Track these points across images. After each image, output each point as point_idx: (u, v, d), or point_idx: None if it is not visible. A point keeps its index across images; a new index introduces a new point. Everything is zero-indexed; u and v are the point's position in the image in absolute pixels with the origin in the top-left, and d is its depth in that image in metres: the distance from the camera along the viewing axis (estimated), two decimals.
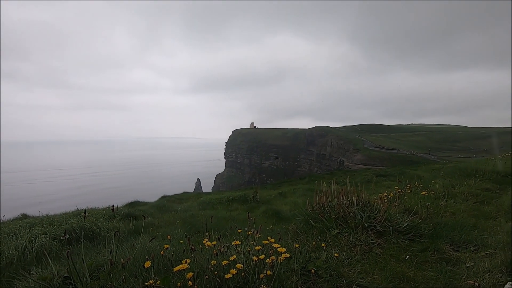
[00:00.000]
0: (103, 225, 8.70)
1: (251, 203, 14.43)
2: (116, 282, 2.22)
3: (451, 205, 5.35)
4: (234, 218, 9.81)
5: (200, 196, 20.01)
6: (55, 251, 7.66)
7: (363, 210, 3.88)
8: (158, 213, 11.88)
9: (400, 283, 2.51)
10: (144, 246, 2.77)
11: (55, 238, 8.04)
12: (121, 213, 10.98)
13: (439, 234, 3.59)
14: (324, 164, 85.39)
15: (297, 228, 3.88)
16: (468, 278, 2.55)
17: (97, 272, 2.57)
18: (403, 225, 3.63)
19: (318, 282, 2.47)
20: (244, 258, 2.39)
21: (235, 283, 2.16)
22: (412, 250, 3.19)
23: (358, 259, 2.97)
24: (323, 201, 4.09)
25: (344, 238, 3.36)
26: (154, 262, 2.43)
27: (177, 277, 2.29)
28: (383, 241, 3.37)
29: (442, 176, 8.30)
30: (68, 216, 10.63)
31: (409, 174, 18.51)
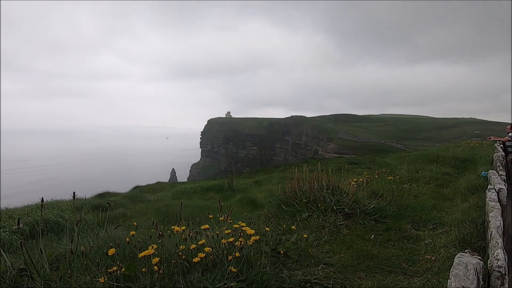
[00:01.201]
0: (69, 217, 8.27)
1: (227, 191, 14.40)
2: (77, 271, 2.11)
3: (414, 189, 5.67)
4: (209, 207, 9.75)
5: (175, 186, 19.66)
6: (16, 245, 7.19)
7: (333, 194, 4.00)
8: (130, 204, 11.50)
9: (364, 260, 2.62)
10: (109, 234, 2.66)
11: (16, 232, 7.54)
12: (89, 205, 10.48)
13: (402, 215, 3.79)
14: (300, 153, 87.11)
15: (269, 213, 3.93)
16: (426, 253, 2.73)
17: (58, 263, 2.43)
18: (369, 207, 3.79)
19: (287, 263, 2.52)
20: (214, 242, 2.37)
21: (203, 267, 2.14)
22: (377, 230, 3.35)
23: (326, 240, 3.06)
24: (295, 186, 4.16)
25: (313, 221, 3.44)
26: (120, 250, 2.34)
27: (144, 264, 2.23)
28: (351, 222, 3.50)
29: (408, 162, 8.76)
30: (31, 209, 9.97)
31: (378, 162, 19.37)
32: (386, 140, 76.66)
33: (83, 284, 1.92)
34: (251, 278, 2.01)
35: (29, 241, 7.30)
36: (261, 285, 2.00)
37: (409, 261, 2.62)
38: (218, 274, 2.03)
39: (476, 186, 5.08)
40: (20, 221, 2.39)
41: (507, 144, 7.85)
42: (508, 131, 8.07)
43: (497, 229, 2.17)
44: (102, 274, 2.00)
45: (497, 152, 7.70)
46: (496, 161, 6.41)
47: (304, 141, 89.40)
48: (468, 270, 1.46)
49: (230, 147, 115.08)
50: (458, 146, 13.11)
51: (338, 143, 71.25)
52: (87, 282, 1.94)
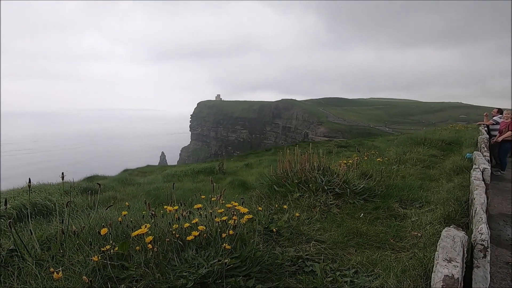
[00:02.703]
0: (58, 200, 8.15)
1: (218, 174, 14.43)
2: (69, 251, 2.10)
3: (402, 170, 5.82)
4: (200, 190, 9.76)
5: (165, 169, 19.55)
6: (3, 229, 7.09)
7: (324, 175, 4.05)
8: (120, 187, 11.40)
9: (354, 237, 2.70)
10: (101, 215, 2.63)
11: (3, 215, 7.41)
12: (78, 188, 10.33)
13: (390, 194, 3.90)
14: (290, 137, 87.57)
15: (261, 194, 3.97)
16: (413, 230, 2.83)
17: (48, 244, 2.41)
18: (359, 187, 3.87)
19: (280, 240, 2.57)
20: (207, 221, 2.38)
21: (197, 245, 2.16)
22: (366, 208, 3.44)
23: (317, 219, 3.13)
24: (287, 167, 4.19)
25: (305, 200, 3.50)
26: (112, 230, 2.32)
27: (137, 242, 2.23)
28: (341, 201, 3.58)
29: (396, 145, 8.93)
30: (17, 192, 9.76)
31: (367, 145, 19.70)
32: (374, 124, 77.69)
33: (76, 263, 1.91)
34: (245, 255, 2.05)
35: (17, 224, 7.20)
36: (255, 261, 2.04)
37: (396, 238, 2.72)
38: (212, 251, 2.05)
39: (461, 167, 5.24)
40: (7, 202, 2.32)
41: (491, 128, 8.08)
42: (494, 114, 8.27)
43: (481, 205, 2.26)
44: (95, 253, 1.99)
45: (482, 135, 7.92)
46: (480, 142, 6.61)
47: (294, 124, 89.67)
48: (455, 243, 1.52)
49: (220, 130, 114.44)
50: (445, 129, 13.42)
51: (328, 127, 71.81)
52: (80, 261, 1.93)
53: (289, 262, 2.19)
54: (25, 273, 1.91)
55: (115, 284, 1.77)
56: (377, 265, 2.18)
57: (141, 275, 1.85)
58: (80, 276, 1.76)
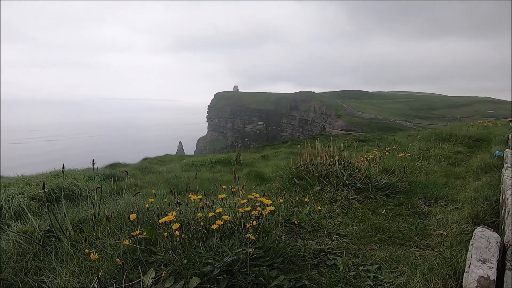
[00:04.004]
0: (83, 186, 8.54)
1: (234, 165, 14.58)
2: (101, 234, 2.21)
3: (426, 166, 5.64)
4: (217, 180, 9.93)
5: (183, 158, 19.97)
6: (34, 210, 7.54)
7: (345, 169, 4.00)
8: (140, 175, 11.78)
9: (376, 233, 2.67)
10: (128, 201, 2.74)
11: (33, 198, 7.86)
12: (101, 174, 10.78)
13: (413, 191, 3.81)
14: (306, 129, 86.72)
15: (281, 186, 3.98)
16: (438, 228, 2.76)
17: (81, 226, 2.54)
18: (381, 182, 3.80)
19: (301, 233, 2.58)
20: (230, 210, 2.43)
21: (221, 234, 2.21)
22: (388, 205, 3.38)
23: (338, 213, 3.11)
24: (307, 160, 4.17)
25: (326, 194, 3.48)
26: (139, 215, 2.42)
27: (163, 229, 2.31)
28: (362, 197, 3.54)
29: (419, 140, 8.65)
30: (46, 176, 10.31)
31: (387, 140, 19.20)
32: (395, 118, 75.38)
33: (108, 246, 2.01)
34: (268, 246, 2.08)
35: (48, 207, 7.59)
36: (277, 252, 2.06)
37: (420, 235, 2.66)
38: (236, 241, 2.09)
39: (489, 165, 5.01)
40: (44, 185, 2.46)
41: None
42: None
43: None
44: (125, 237, 2.08)
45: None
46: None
47: (311, 117, 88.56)
48: (490, 244, 1.47)
49: (237, 121, 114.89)
50: (471, 125, 12.83)
51: (346, 120, 70.43)
52: (112, 244, 2.03)
53: (311, 255, 2.21)
54: (61, 253, 2.03)
55: (145, 267, 1.85)
56: (401, 262, 2.16)
57: (169, 260, 1.92)
58: (113, 258, 1.85)
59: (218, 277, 1.77)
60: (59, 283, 1.69)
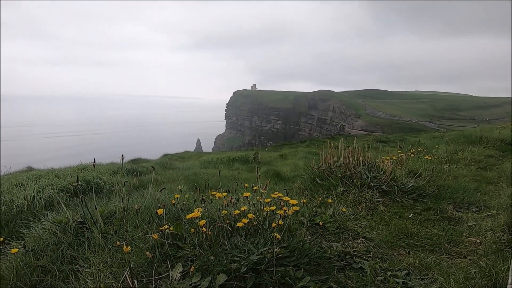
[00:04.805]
0: (107, 179, 8.88)
1: (252, 163, 14.64)
2: (129, 226, 2.28)
3: (454, 170, 5.40)
4: (235, 177, 10.01)
5: (202, 155, 20.27)
6: (63, 201, 7.91)
7: (369, 170, 3.91)
8: (161, 170, 12.10)
9: (404, 237, 2.58)
10: (154, 196, 2.81)
11: (62, 189, 8.26)
12: (124, 169, 11.17)
13: (442, 196, 3.65)
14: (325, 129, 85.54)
15: (303, 186, 3.94)
16: (470, 236, 2.63)
17: (109, 219, 2.63)
18: (408, 185, 3.68)
19: (325, 234, 2.55)
20: (255, 209, 2.43)
21: (246, 232, 2.22)
22: (415, 209, 3.26)
23: (363, 215, 3.04)
24: (330, 160, 4.10)
25: (349, 196, 3.41)
26: (166, 211, 2.47)
27: (188, 225, 2.35)
28: (388, 199, 3.44)
29: (446, 142, 8.30)
30: (73, 169, 10.83)
31: (409, 141, 18.57)
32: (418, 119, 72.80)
33: (136, 239, 2.06)
34: (293, 246, 2.06)
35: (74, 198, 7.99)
36: (303, 253, 2.04)
37: (451, 242, 2.55)
38: (261, 239, 2.09)
39: None
40: (78, 179, 2.57)
41: None
42: None
43: None
44: (153, 231, 2.13)
45: None
46: None
47: (330, 116, 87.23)
48: None
49: (255, 119, 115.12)
50: (504, 127, 12.14)
51: (366, 120, 68.82)
52: (140, 237, 2.09)
53: (337, 257, 2.17)
54: (93, 244, 2.11)
55: (172, 261, 1.89)
56: (431, 269, 2.07)
57: (195, 255, 1.95)
58: (141, 251, 1.90)
59: (245, 275, 1.77)
60: (93, 272, 1.76)
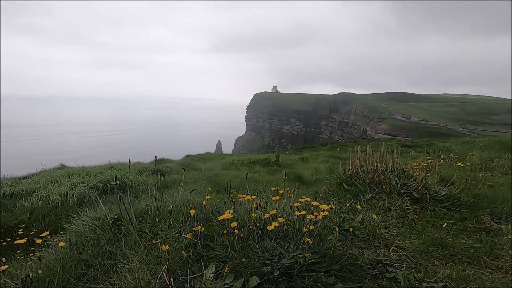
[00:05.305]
0: (134, 179, 9.23)
1: (273, 166, 14.62)
2: (163, 225, 2.36)
3: (490, 178, 5.11)
4: (256, 180, 10.04)
5: (223, 157, 20.52)
6: (93, 198, 8.32)
7: (398, 177, 3.79)
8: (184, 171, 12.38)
9: (438, 248, 2.49)
10: (185, 197, 2.89)
11: (92, 187, 8.68)
12: (149, 169, 11.56)
13: (478, 205, 3.47)
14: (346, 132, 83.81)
15: (329, 190, 3.90)
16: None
17: (143, 217, 2.73)
18: (440, 193, 3.53)
19: (355, 241, 2.51)
20: (284, 213, 2.44)
21: (276, 235, 2.23)
22: (449, 218, 3.13)
23: (393, 223, 2.96)
24: (357, 165, 4.03)
25: (378, 202, 3.33)
26: (196, 211, 2.54)
27: (218, 226, 2.40)
28: (419, 208, 3.32)
29: (480, 149, 7.88)
30: (102, 168, 11.35)
31: (437, 146, 17.80)
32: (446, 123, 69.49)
33: (170, 238, 2.14)
34: (324, 252, 2.05)
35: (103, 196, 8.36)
36: (334, 259, 2.02)
37: (490, 255, 2.42)
38: (291, 244, 2.10)
39: None
40: (116, 178, 2.70)
41: None
42: None
43: None
44: (186, 231, 2.20)
45: None
46: None
47: (352, 119, 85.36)
48: None
49: (275, 122, 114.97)
50: None
51: (391, 124, 66.67)
52: (174, 236, 2.16)
53: (368, 265, 2.13)
54: (130, 241, 2.21)
55: (205, 261, 1.94)
56: (470, 282, 1.98)
57: (227, 256, 1.99)
58: (177, 250, 1.97)
59: (277, 279, 1.79)
60: (131, 268, 1.85)
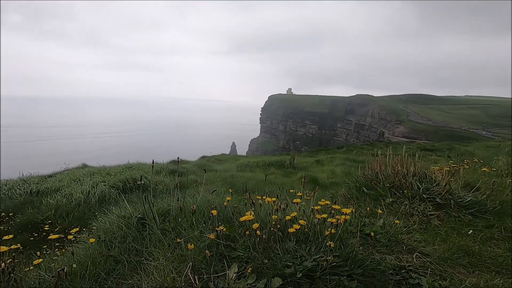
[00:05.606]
0: (152, 179, 9.46)
1: (288, 168, 14.56)
2: (185, 225, 2.42)
3: None
4: (271, 182, 10.04)
5: (238, 158, 20.64)
6: (113, 197, 8.59)
7: (420, 181, 3.71)
8: (200, 172, 12.56)
9: (464, 255, 2.41)
10: (206, 197, 2.95)
11: (113, 186, 8.96)
12: (166, 169, 11.80)
13: (505, 212, 3.34)
14: (362, 135, 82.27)
15: (348, 194, 3.86)
16: None
17: (164, 217, 2.81)
18: (465, 199, 3.42)
19: (377, 246, 2.47)
20: (304, 215, 2.44)
21: (297, 238, 2.24)
22: (475, 225, 3.03)
23: (415, 229, 2.89)
24: (377, 169, 3.97)
25: (399, 207, 3.27)
26: (217, 212, 2.58)
27: (238, 227, 2.43)
28: (443, 213, 3.23)
29: (507, 153, 7.56)
30: (122, 168, 11.69)
31: (459, 150, 17.18)
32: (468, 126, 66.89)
33: (193, 237, 2.19)
34: (345, 255, 2.04)
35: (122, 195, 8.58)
36: (356, 263, 2.01)
37: None
38: (312, 246, 2.10)
39: None
40: (142, 178, 2.79)
41: None
42: None
43: None
44: (208, 231, 2.24)
45: None
46: None
47: (369, 122, 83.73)
48: None
49: (289, 124, 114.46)
50: None
51: (409, 126, 64.89)
52: (197, 236, 2.21)
53: (391, 270, 2.10)
54: (154, 239, 2.28)
55: (227, 261, 1.97)
56: None
57: (248, 257, 2.01)
58: (200, 249, 2.01)
59: (299, 281, 1.79)
60: (157, 266, 1.90)
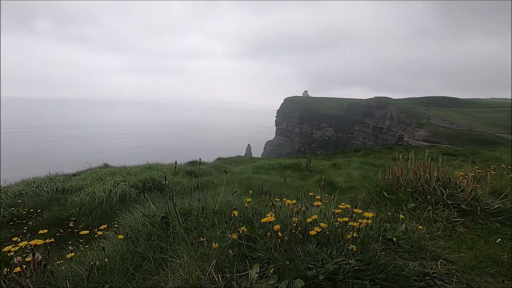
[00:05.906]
0: (170, 179, 9.67)
1: (304, 171, 14.47)
2: (207, 224, 2.48)
3: None
4: (287, 184, 10.01)
5: (254, 160, 20.70)
6: (134, 196, 8.85)
7: (444, 187, 3.60)
8: (216, 173, 12.71)
9: (492, 264, 2.33)
10: (226, 198, 3.00)
11: (133, 186, 9.24)
12: (183, 170, 12.03)
13: None
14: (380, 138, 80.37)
15: (368, 198, 3.80)
16: None
17: (185, 216, 2.88)
18: (492, 206, 3.30)
19: (399, 251, 2.43)
20: (325, 218, 2.44)
21: (317, 240, 2.24)
22: (504, 233, 2.91)
23: (439, 235, 2.82)
24: (398, 173, 3.89)
25: (423, 213, 3.19)
26: (238, 213, 2.63)
27: (259, 228, 2.46)
28: (468, 220, 3.13)
29: None
30: (141, 168, 12.02)
31: (484, 155, 16.47)
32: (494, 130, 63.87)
33: (215, 237, 2.24)
34: (368, 259, 2.02)
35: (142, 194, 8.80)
36: (378, 268, 1.99)
37: None
38: (333, 250, 2.10)
39: None
40: (166, 178, 2.89)
41: None
42: None
43: None
44: (229, 231, 2.29)
45: None
46: None
47: (387, 125, 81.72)
48: None
49: (305, 127, 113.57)
50: None
51: (429, 130, 62.77)
52: (219, 235, 2.26)
53: (415, 277, 2.06)
54: (178, 238, 2.35)
55: (249, 261, 2.01)
56: None
57: (270, 258, 2.04)
58: (223, 249, 2.06)
59: (321, 283, 1.80)
60: (181, 263, 1.97)
